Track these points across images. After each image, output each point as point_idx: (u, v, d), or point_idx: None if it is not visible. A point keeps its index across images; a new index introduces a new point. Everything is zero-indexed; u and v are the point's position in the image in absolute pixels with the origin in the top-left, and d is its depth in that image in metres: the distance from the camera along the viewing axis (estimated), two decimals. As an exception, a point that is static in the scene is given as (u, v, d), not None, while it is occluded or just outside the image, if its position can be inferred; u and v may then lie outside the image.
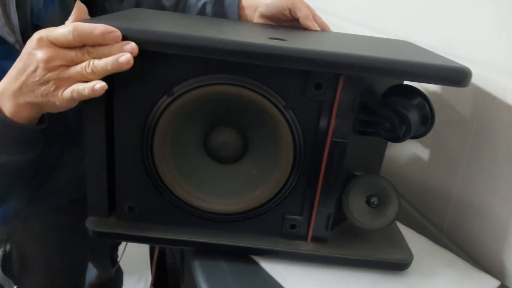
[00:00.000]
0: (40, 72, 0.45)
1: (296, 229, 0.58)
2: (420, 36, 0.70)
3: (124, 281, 1.27)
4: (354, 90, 0.50)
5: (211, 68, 0.50)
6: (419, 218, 0.75)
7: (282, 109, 0.51)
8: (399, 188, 0.78)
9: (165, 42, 0.47)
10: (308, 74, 0.50)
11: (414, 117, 0.54)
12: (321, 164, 0.54)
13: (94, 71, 0.46)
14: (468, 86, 0.50)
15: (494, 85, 0.58)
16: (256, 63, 0.48)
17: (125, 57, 0.46)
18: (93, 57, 0.46)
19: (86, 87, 0.46)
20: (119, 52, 0.46)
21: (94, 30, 0.45)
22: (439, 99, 0.67)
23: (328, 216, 0.56)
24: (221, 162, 0.57)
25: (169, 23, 0.56)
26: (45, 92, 0.46)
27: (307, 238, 0.58)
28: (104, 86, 0.46)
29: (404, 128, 0.53)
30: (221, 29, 0.58)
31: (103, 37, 0.46)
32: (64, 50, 0.46)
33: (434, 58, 0.52)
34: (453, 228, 0.68)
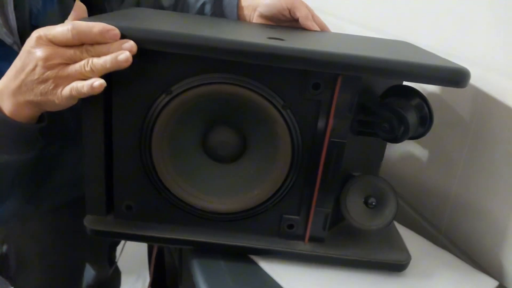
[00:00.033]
0: (39, 71, 0.45)
1: (294, 229, 0.58)
2: (419, 37, 0.70)
3: (122, 281, 1.27)
4: (352, 90, 0.50)
5: (209, 67, 0.50)
6: (417, 218, 0.75)
7: (280, 109, 0.51)
8: (398, 188, 0.78)
9: (163, 40, 0.47)
10: (306, 74, 0.50)
11: (413, 117, 0.54)
12: (319, 164, 0.54)
13: (93, 69, 0.46)
14: (467, 87, 0.50)
15: (492, 86, 0.58)
16: (254, 62, 0.48)
17: (124, 55, 0.46)
18: (92, 55, 0.46)
19: (85, 85, 0.46)
20: (118, 50, 0.46)
21: (92, 29, 0.45)
22: (438, 100, 0.67)
23: (326, 216, 0.56)
24: (219, 161, 0.57)
25: (168, 22, 0.57)
26: (44, 91, 0.46)
27: (304, 238, 0.58)
28: (103, 83, 0.46)
29: (402, 129, 0.53)
30: (220, 28, 0.58)
31: (101, 35, 0.46)
32: (63, 49, 0.46)
33: (432, 58, 0.52)
34: (451, 229, 0.68)
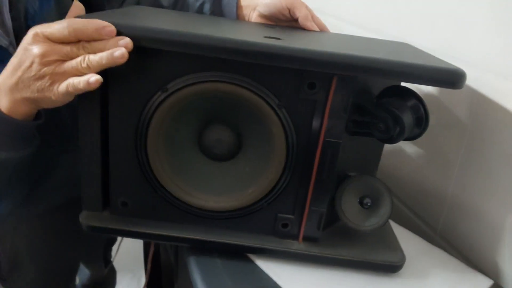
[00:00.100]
0: (36, 67, 0.46)
1: (288, 228, 0.58)
2: (417, 38, 0.70)
3: (118, 279, 1.27)
4: (347, 90, 0.50)
5: (206, 65, 0.50)
6: (414, 218, 0.75)
7: (276, 108, 0.51)
8: (394, 188, 0.78)
9: (159, 38, 0.47)
10: (302, 74, 0.50)
11: (408, 118, 0.54)
12: (313, 164, 0.54)
13: (89, 65, 0.46)
14: (464, 88, 0.50)
15: (489, 87, 0.58)
16: (249, 61, 0.48)
17: (119, 51, 0.46)
18: (88, 52, 0.47)
19: (81, 81, 0.46)
20: (114, 47, 0.46)
21: (88, 25, 0.46)
22: (434, 101, 0.67)
23: (320, 216, 0.56)
24: (214, 159, 0.57)
25: (165, 20, 0.57)
26: (40, 87, 0.47)
27: (298, 237, 0.58)
28: (99, 79, 0.46)
29: (398, 129, 0.53)
30: (217, 27, 0.58)
31: (97, 32, 0.46)
32: (59, 45, 0.46)
33: (429, 59, 0.52)
34: (447, 228, 0.68)
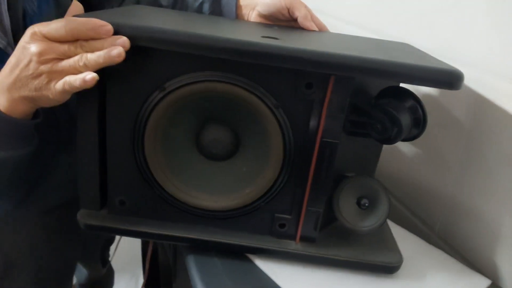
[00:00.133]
0: (33, 66, 0.46)
1: (285, 228, 0.58)
2: (417, 38, 0.70)
3: (116, 279, 1.27)
4: (344, 91, 0.50)
5: (203, 65, 0.50)
6: (412, 218, 0.75)
7: (273, 108, 0.51)
8: (393, 187, 0.78)
9: (156, 37, 0.47)
10: (299, 74, 0.50)
11: (406, 119, 0.53)
12: (311, 164, 0.54)
13: (87, 64, 0.46)
14: (463, 88, 0.50)
15: (488, 88, 0.58)
16: (246, 61, 0.48)
17: (116, 50, 0.46)
18: (86, 50, 0.47)
19: (77, 79, 0.46)
20: (111, 46, 0.46)
21: (86, 24, 0.46)
22: (433, 101, 0.67)
23: (317, 216, 0.56)
24: (212, 159, 0.57)
25: (163, 20, 0.57)
26: (38, 86, 0.47)
27: (296, 237, 0.58)
28: (95, 77, 0.46)
29: (396, 130, 0.53)
30: (215, 26, 0.58)
31: (95, 30, 0.46)
32: (57, 44, 0.46)
33: (427, 60, 0.51)
34: (445, 228, 0.68)
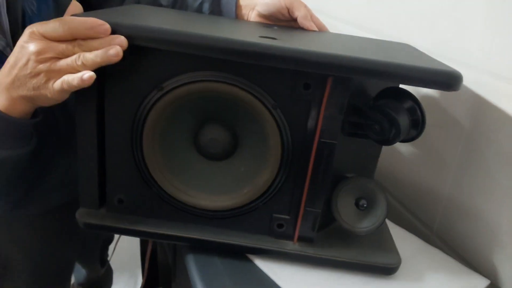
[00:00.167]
0: (31, 65, 0.46)
1: (284, 228, 0.58)
2: (417, 39, 0.70)
3: (114, 279, 1.28)
4: (342, 92, 0.50)
5: (201, 64, 0.50)
6: (410, 217, 0.74)
7: (271, 108, 0.51)
8: (392, 187, 0.78)
9: (153, 37, 0.47)
10: (297, 74, 0.50)
11: (404, 120, 0.53)
12: (308, 164, 0.54)
13: (84, 63, 0.46)
14: (462, 89, 0.49)
15: (487, 88, 0.58)
16: (242, 60, 0.48)
17: (114, 50, 0.46)
18: (84, 50, 0.47)
19: (75, 77, 0.46)
20: (108, 45, 0.46)
21: (83, 24, 0.46)
22: (432, 101, 0.67)
23: (315, 216, 0.56)
24: (210, 158, 0.57)
25: (162, 19, 0.57)
26: (36, 85, 0.47)
27: (294, 237, 0.58)
28: (92, 75, 0.47)
29: (394, 131, 0.52)
30: (214, 26, 0.58)
31: (92, 30, 0.46)
32: (55, 43, 0.46)
33: (426, 61, 0.51)
34: (443, 228, 0.68)
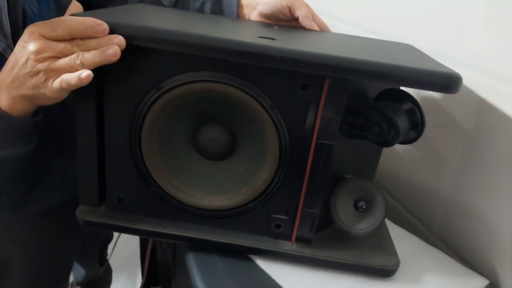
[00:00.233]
0: (31, 64, 0.46)
1: (281, 229, 0.58)
2: (417, 40, 0.69)
3: (114, 278, 1.28)
4: (340, 93, 0.50)
5: (200, 65, 0.50)
6: (410, 217, 0.74)
7: (269, 109, 0.51)
8: (391, 188, 0.78)
9: (151, 37, 0.47)
10: (295, 75, 0.49)
11: (403, 122, 0.53)
12: (306, 165, 0.54)
13: (83, 62, 0.47)
14: (462, 90, 0.49)
15: (487, 89, 0.57)
16: (240, 61, 0.48)
17: (112, 49, 0.46)
18: (82, 49, 0.47)
19: (73, 76, 0.47)
20: (107, 45, 0.47)
21: (82, 23, 0.46)
22: (433, 102, 0.67)
23: (313, 217, 0.56)
24: (209, 158, 0.57)
25: (161, 19, 0.57)
26: (35, 84, 0.48)
27: (291, 238, 0.58)
28: (90, 74, 0.47)
29: (393, 133, 0.52)
30: (213, 26, 0.58)
31: (91, 29, 0.46)
32: (54, 42, 0.47)
33: (425, 63, 0.51)
34: (443, 228, 0.68)
